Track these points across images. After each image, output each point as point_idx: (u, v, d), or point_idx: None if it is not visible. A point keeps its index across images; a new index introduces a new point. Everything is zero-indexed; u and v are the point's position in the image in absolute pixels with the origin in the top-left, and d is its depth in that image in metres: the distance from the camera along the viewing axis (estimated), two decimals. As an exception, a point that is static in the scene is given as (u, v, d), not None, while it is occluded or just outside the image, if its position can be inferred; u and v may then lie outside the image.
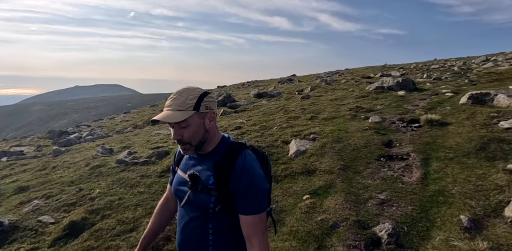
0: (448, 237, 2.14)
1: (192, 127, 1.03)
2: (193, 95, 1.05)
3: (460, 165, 3.28)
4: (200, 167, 1.10)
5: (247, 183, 1.02)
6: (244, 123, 7.09)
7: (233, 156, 1.05)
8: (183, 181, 1.13)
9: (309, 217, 2.62)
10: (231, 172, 1.03)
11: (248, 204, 1.03)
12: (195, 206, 1.07)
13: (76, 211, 3.32)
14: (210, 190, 1.04)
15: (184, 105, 1.02)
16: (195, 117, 1.03)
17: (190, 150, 1.06)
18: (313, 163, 3.85)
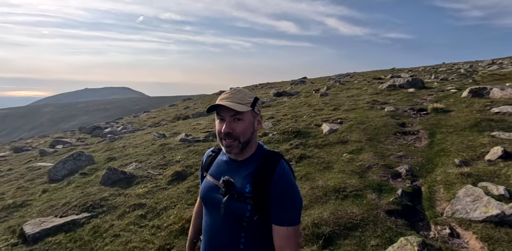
0: (445, 169, 3.30)
1: (245, 122, 1.03)
2: (250, 94, 1.08)
3: (457, 135, 4.44)
4: (236, 174, 1.07)
5: (286, 193, 1.02)
6: (275, 114, 8.31)
7: (273, 165, 1.05)
8: (214, 187, 1.10)
9: (351, 164, 3.81)
10: (270, 181, 1.01)
11: (284, 215, 1.01)
12: (229, 213, 1.04)
13: (173, 167, 4.56)
14: (246, 198, 1.02)
15: (244, 100, 1.04)
16: (249, 114, 1.05)
17: (236, 147, 1.04)
18: (345, 137, 5.04)
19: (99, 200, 3.60)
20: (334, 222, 2.54)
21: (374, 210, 2.68)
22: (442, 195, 2.87)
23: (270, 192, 1.01)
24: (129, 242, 2.64)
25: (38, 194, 4.50)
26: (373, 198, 2.90)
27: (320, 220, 2.59)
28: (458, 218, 2.44)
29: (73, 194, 4.05)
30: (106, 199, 3.64)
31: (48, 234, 3.01)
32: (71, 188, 4.43)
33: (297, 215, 1.04)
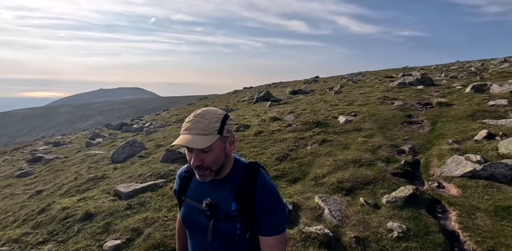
0: (439, 147, 4.20)
1: (215, 152, 0.98)
2: (216, 117, 1.00)
3: (454, 123, 5.30)
4: (218, 194, 1.05)
5: (270, 202, 1.02)
6: (295, 110, 9.27)
7: (253, 177, 1.03)
8: (196, 210, 1.06)
9: (364, 144, 4.75)
10: (254, 193, 1.01)
11: (271, 224, 1.01)
12: (218, 235, 1.02)
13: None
14: (234, 217, 1.01)
15: (208, 129, 0.97)
16: (218, 141, 0.99)
17: (210, 176, 1.01)
18: (359, 126, 5.96)
19: (168, 171, 4.67)
20: (353, 180, 3.51)
21: (382, 172, 3.63)
22: (435, 163, 3.79)
23: (256, 204, 1.00)
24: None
25: (111, 171, 5.62)
26: (382, 166, 3.84)
27: (342, 179, 3.56)
28: (444, 176, 3.36)
29: (142, 169, 5.14)
30: (173, 170, 4.70)
31: (138, 193, 4.08)
32: (137, 166, 5.54)
33: (283, 223, 1.04)
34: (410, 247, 2.25)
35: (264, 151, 5.11)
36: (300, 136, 5.82)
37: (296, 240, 2.49)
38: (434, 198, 2.98)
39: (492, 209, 2.57)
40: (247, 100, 16.71)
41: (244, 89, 31.07)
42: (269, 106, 11.66)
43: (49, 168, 7.36)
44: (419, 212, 2.72)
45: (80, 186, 4.93)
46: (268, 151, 5.06)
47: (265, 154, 4.92)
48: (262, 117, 8.54)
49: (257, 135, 6.36)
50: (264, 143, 5.64)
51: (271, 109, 10.51)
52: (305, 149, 5.00)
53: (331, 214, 2.80)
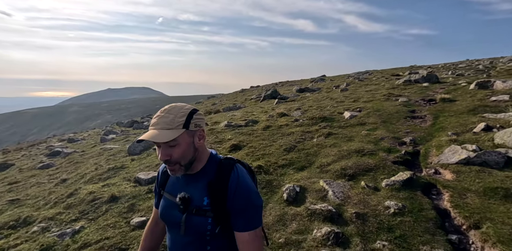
0: (439, 139, 4.44)
1: (181, 146, 0.99)
2: (182, 112, 1.01)
3: (455, 117, 5.52)
4: (191, 188, 1.07)
5: (243, 199, 1.02)
6: (301, 106, 9.54)
7: (226, 173, 1.04)
8: (172, 204, 1.09)
9: (368, 137, 5.02)
10: (226, 190, 1.02)
11: (244, 221, 1.02)
12: (191, 230, 1.04)
13: (229, 142, 5.91)
14: (206, 212, 1.02)
15: (173, 123, 0.98)
16: (184, 135, 0.99)
17: (179, 170, 1.02)
18: (363, 120, 6.21)
19: (183, 161, 5.03)
20: (356, 167, 3.79)
21: (383, 161, 3.90)
22: (433, 153, 4.04)
23: (228, 200, 1.01)
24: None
25: (129, 162, 6.01)
26: (383, 155, 4.11)
27: (346, 166, 3.84)
28: (441, 164, 3.61)
29: (158, 160, 5.51)
30: (187, 160, 5.06)
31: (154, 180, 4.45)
32: (154, 157, 5.91)
33: (257, 218, 1.05)
34: (405, 221, 2.53)
35: (272, 143, 5.42)
36: (307, 130, 6.10)
37: (302, 215, 2.80)
38: (430, 182, 3.24)
39: (481, 190, 2.83)
40: (255, 98, 17.02)
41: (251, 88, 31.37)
42: (276, 103, 11.94)
43: (69, 160, 7.81)
44: (415, 194, 2.99)
45: (102, 174, 5.32)
46: (277, 143, 5.37)
47: (274, 146, 5.23)
48: (270, 113, 8.84)
49: (266, 129, 6.67)
50: (272, 137, 5.95)
51: (279, 106, 10.80)
52: (311, 141, 5.28)
53: (335, 195, 3.10)
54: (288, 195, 3.19)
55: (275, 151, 4.89)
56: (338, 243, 2.35)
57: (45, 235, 3.16)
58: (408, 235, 2.37)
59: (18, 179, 6.77)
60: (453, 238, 2.37)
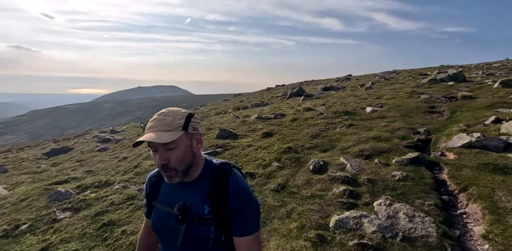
0: (451, 129, 4.98)
1: (180, 149, 0.96)
2: (180, 115, 0.99)
3: (471, 112, 5.96)
4: (189, 197, 1.03)
5: (243, 204, 1.01)
6: (326, 103, 10.18)
7: (225, 179, 1.02)
8: (168, 216, 1.04)
9: (385, 127, 5.64)
10: (227, 196, 1.00)
11: (244, 225, 1.01)
12: (192, 241, 1.00)
13: (261, 131, 6.76)
14: (207, 220, 0.99)
15: (172, 125, 0.96)
16: (184, 137, 0.97)
17: (176, 177, 0.98)
18: (383, 114, 6.80)
19: (223, 144, 5.94)
20: (372, 149, 4.48)
21: (397, 145, 4.54)
22: (443, 140, 4.62)
23: (230, 206, 1.00)
24: (251, 158, 4.86)
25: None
26: (397, 141, 4.75)
27: (363, 149, 4.54)
28: (447, 148, 4.21)
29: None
30: (227, 143, 5.96)
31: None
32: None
33: (256, 222, 1.04)
34: (406, 184, 3.23)
35: (299, 131, 6.20)
36: (330, 122, 6.80)
37: (324, 180, 3.57)
38: (434, 161, 3.87)
39: (475, 166, 3.44)
40: (281, 96, 17.77)
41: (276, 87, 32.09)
42: (302, 100, 12.64)
43: (121, 145, 9.08)
44: (419, 168, 3.65)
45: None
46: (303, 131, 6.14)
47: (301, 133, 6.00)
48: (297, 108, 9.59)
49: (293, 121, 7.44)
50: (299, 127, 6.72)
51: (304, 102, 11.50)
52: (334, 130, 5.99)
53: (352, 167, 3.83)
54: (314, 167, 3.97)
55: (302, 137, 5.67)
56: (351, 196, 3.11)
57: (127, 190, 4.20)
58: (407, 193, 3.07)
59: (83, 158, 8.10)
60: (445, 198, 3.04)
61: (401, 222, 2.49)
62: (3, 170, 8.41)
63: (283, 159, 4.52)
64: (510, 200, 2.65)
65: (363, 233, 2.42)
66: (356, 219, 2.58)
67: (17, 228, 3.53)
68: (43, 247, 2.93)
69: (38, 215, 3.83)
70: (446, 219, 2.65)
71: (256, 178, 3.94)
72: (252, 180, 3.90)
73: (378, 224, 2.47)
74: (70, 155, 9.27)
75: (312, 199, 3.18)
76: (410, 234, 2.36)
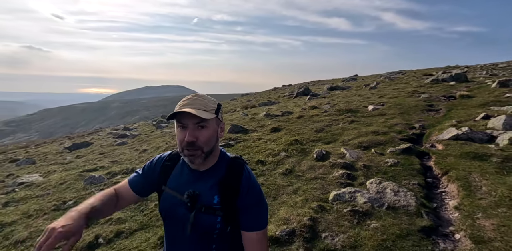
0: (443, 124, 5.46)
1: (210, 130, 0.99)
2: (213, 101, 1.05)
3: (465, 110, 6.41)
4: (200, 186, 1.04)
5: (254, 198, 1.04)
6: (331, 101, 10.68)
7: (238, 172, 1.05)
8: (177, 201, 1.05)
9: (384, 123, 6.14)
10: (238, 189, 1.02)
11: (254, 220, 1.04)
12: (198, 228, 1.02)
13: (269, 126, 7.31)
14: (215, 210, 1.01)
15: (208, 106, 1.00)
16: (214, 121, 1.02)
17: (199, 157, 0.99)
18: (384, 112, 7.29)
19: (235, 137, 6.51)
20: (370, 142, 4.99)
21: (393, 138, 5.05)
22: (435, 134, 5.11)
23: (239, 200, 1.02)
24: (261, 149, 5.43)
25: (190, 139, 7.67)
26: (394, 135, 5.25)
27: (362, 141, 5.06)
28: (437, 140, 4.71)
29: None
30: (238, 137, 6.53)
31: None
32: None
33: (266, 218, 1.07)
34: (396, 169, 3.75)
35: (305, 127, 6.74)
36: (334, 118, 7.32)
37: (326, 166, 4.12)
38: (424, 151, 4.38)
39: (458, 154, 3.94)
40: (287, 95, 18.29)
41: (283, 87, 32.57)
42: (308, 99, 13.15)
43: (138, 140, 9.75)
44: (410, 156, 4.16)
45: (174, 147, 7.01)
46: (308, 127, 6.68)
47: (306, 128, 6.55)
48: (303, 106, 10.12)
49: (299, 118, 7.98)
50: (305, 123, 7.26)
51: (310, 101, 12.02)
52: (337, 126, 6.52)
53: (351, 156, 4.37)
54: (317, 155, 4.51)
55: (307, 132, 6.21)
56: (349, 178, 3.65)
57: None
58: (396, 176, 3.59)
59: (105, 151, 8.78)
60: (429, 180, 3.56)
61: (388, 196, 3.02)
62: (32, 162, 9.14)
63: (290, 150, 5.07)
64: (481, 180, 3.16)
65: (356, 203, 2.96)
66: (351, 193, 3.12)
67: (65, 203, 4.16)
68: (92, 216, 3.54)
69: (79, 194, 4.46)
70: (427, 195, 3.17)
71: (266, 165, 4.51)
72: (263, 166, 4.47)
73: (368, 197, 3.01)
74: (91, 149, 9.98)
75: (315, 180, 3.73)
76: (394, 204, 2.90)
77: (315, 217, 2.78)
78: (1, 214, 4.10)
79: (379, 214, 2.76)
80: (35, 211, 4.00)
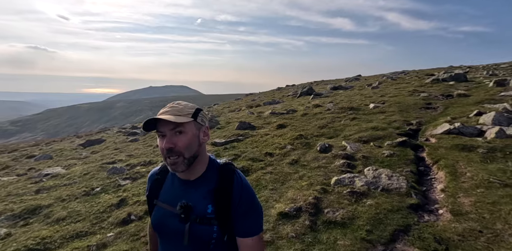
0: (438, 121, 5.86)
1: (188, 135, 0.98)
2: (190, 106, 1.04)
3: (461, 107, 6.80)
4: (192, 196, 1.03)
5: (248, 204, 1.03)
6: (334, 100, 11.09)
7: (230, 179, 1.03)
8: (169, 214, 1.04)
9: (384, 120, 6.55)
10: (231, 196, 1.01)
11: (248, 226, 1.03)
12: (194, 239, 1.00)
13: (275, 123, 7.75)
14: (210, 220, 1.00)
15: (183, 111, 1.00)
16: (192, 125, 1.00)
17: (182, 164, 0.98)
18: (384, 109, 7.68)
19: (243, 133, 6.96)
20: (369, 136, 5.41)
21: (391, 133, 5.46)
22: (430, 129, 5.51)
23: (232, 207, 1.01)
24: (269, 143, 5.86)
25: (200, 135, 8.13)
26: (392, 130, 5.66)
27: (362, 136, 5.47)
28: (431, 134, 5.11)
29: (225, 133, 7.52)
30: (247, 133, 6.98)
31: (227, 143, 6.41)
32: (221, 132, 7.95)
33: (260, 223, 1.06)
34: (392, 159, 4.17)
35: (309, 123, 7.17)
36: (337, 116, 7.74)
37: (328, 157, 4.54)
38: (419, 144, 4.79)
39: (449, 146, 4.34)
40: (291, 95, 18.71)
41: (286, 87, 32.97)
42: (311, 98, 13.56)
43: (150, 137, 10.23)
44: (405, 148, 4.57)
45: (185, 142, 7.47)
46: (312, 123, 7.10)
47: (310, 125, 6.97)
48: (306, 105, 10.55)
49: (303, 116, 8.41)
50: (309, 120, 7.69)
51: (314, 100, 12.43)
52: (339, 122, 6.93)
53: (351, 148, 4.79)
54: (320, 148, 4.94)
55: (311, 128, 6.64)
56: (349, 167, 4.07)
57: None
58: (391, 164, 4.01)
59: (119, 147, 9.28)
60: (421, 169, 3.97)
61: (382, 180, 3.44)
62: (49, 157, 9.67)
63: (295, 143, 5.51)
64: (466, 168, 3.57)
65: (354, 186, 3.39)
66: (350, 178, 3.55)
67: (93, 190, 4.63)
68: (121, 199, 4.00)
69: (105, 182, 4.93)
70: (418, 181, 3.59)
71: (274, 156, 4.95)
72: (271, 157, 4.91)
73: (365, 181, 3.43)
74: (105, 145, 10.49)
75: (319, 168, 4.16)
76: (388, 187, 3.32)
77: (319, 197, 3.21)
78: (37, 199, 4.58)
79: (374, 194, 3.18)
80: (67, 196, 4.48)
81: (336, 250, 2.33)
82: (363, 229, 2.55)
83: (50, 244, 3.04)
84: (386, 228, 2.55)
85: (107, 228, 3.29)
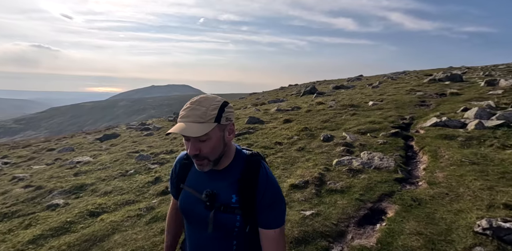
0: (429, 116, 6.56)
1: (212, 141, 0.97)
2: (214, 105, 0.98)
3: (451, 104, 7.49)
4: (218, 185, 1.06)
5: (272, 196, 1.04)
6: (335, 99, 11.80)
7: (255, 170, 1.05)
8: (195, 200, 1.08)
9: (381, 115, 7.26)
10: (256, 187, 1.02)
11: (272, 218, 1.04)
12: (218, 227, 1.04)
13: (281, 118, 8.47)
14: (234, 209, 1.02)
15: (205, 116, 0.95)
16: (216, 130, 0.97)
17: (207, 166, 1.01)
18: (381, 106, 8.39)
19: (253, 127, 7.69)
20: (367, 128, 6.12)
21: (386, 126, 6.17)
22: (420, 123, 6.22)
23: (257, 198, 1.02)
24: (277, 134, 6.58)
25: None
26: (387, 124, 6.37)
27: (360, 128, 6.19)
28: (421, 127, 5.82)
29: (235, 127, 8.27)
30: (256, 126, 7.71)
31: (240, 134, 7.13)
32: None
33: (283, 216, 1.07)
34: (385, 146, 4.89)
35: (313, 118, 7.89)
36: (338, 112, 8.45)
37: (330, 145, 5.27)
38: (409, 135, 5.50)
39: (434, 136, 5.05)
40: (295, 94, 19.43)
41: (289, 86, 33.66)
42: (314, 97, 14.27)
43: (164, 131, 10.98)
44: (397, 138, 5.29)
45: (200, 135, 8.21)
46: (316, 118, 7.83)
47: (314, 120, 7.70)
48: (310, 103, 11.27)
49: (307, 112, 9.14)
50: (312, 115, 8.41)
51: (317, 98, 13.15)
52: (340, 117, 7.65)
53: (350, 138, 5.51)
54: (323, 138, 5.67)
55: (315, 122, 7.36)
56: (348, 152, 4.80)
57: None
58: (384, 150, 4.73)
59: (136, 140, 10.04)
60: (409, 154, 4.69)
61: (375, 161, 4.17)
62: (71, 149, 10.44)
63: (301, 135, 6.24)
64: (445, 152, 4.28)
65: (352, 166, 4.12)
66: (349, 160, 4.27)
67: (127, 172, 5.38)
68: (156, 177, 4.75)
69: (136, 167, 5.68)
70: (405, 163, 4.31)
71: (283, 145, 5.68)
72: (280, 146, 5.64)
73: (361, 161, 4.16)
74: (122, 139, 11.25)
75: (322, 154, 4.89)
76: (379, 166, 4.04)
77: (323, 173, 3.94)
78: (78, 179, 5.33)
79: (368, 171, 3.91)
80: (106, 177, 5.23)
81: (336, 207, 3.05)
82: (357, 193, 3.28)
83: (107, 208, 3.78)
84: (375, 193, 3.28)
85: (149, 197, 4.04)
